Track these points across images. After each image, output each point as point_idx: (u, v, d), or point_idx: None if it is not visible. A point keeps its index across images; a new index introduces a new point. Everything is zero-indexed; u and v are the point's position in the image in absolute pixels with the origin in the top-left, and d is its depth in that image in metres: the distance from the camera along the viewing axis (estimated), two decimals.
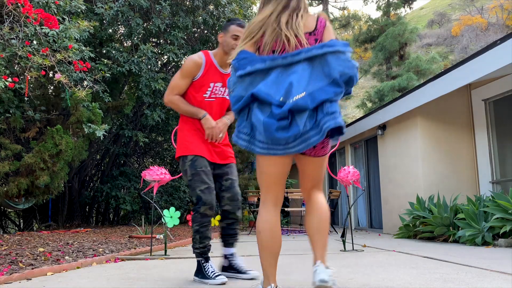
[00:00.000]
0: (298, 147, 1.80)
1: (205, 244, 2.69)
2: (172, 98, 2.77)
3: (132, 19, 7.81)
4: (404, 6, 24.10)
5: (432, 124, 7.12)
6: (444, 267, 3.10)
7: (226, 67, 2.85)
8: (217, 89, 2.81)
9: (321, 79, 1.82)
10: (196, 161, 2.68)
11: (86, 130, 6.70)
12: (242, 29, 2.75)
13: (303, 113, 1.78)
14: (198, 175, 2.64)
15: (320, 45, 1.84)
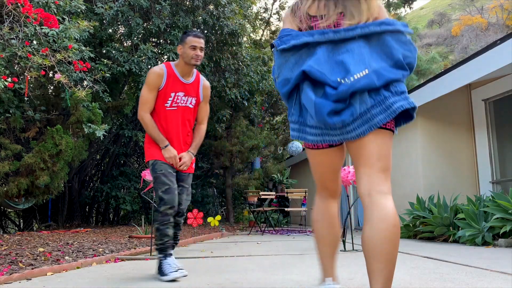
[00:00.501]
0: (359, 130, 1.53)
1: (164, 241, 2.83)
2: (144, 116, 2.94)
3: (132, 19, 7.81)
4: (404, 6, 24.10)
5: (432, 124, 7.12)
6: (444, 267, 3.10)
7: (188, 77, 3.04)
8: (179, 98, 2.99)
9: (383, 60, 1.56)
10: (156, 165, 2.89)
11: (86, 130, 6.70)
12: (199, 39, 2.97)
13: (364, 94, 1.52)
14: (158, 178, 2.85)
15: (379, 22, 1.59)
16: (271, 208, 9.87)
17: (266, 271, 3.09)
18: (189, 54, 2.94)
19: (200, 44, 2.96)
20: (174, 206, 2.83)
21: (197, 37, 2.96)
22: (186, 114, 3.03)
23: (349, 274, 2.85)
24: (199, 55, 2.96)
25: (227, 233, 8.00)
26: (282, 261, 3.70)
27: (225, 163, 11.30)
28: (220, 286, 2.50)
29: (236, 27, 8.76)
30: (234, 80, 9.91)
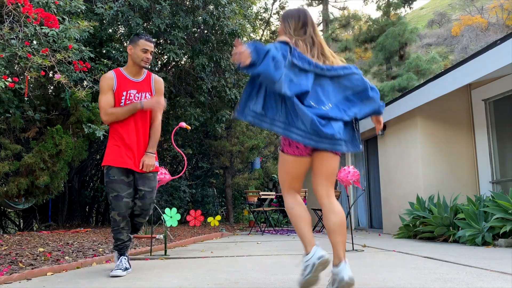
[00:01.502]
0: (344, 147, 2.20)
1: (118, 244, 3.08)
2: (107, 111, 3.02)
3: (132, 19, 7.81)
4: (404, 6, 24.10)
5: (432, 124, 7.12)
6: (444, 267, 3.10)
7: (138, 76, 3.15)
8: (131, 96, 3.08)
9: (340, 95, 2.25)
10: (110, 171, 3.01)
11: (86, 130, 6.70)
12: (150, 44, 3.12)
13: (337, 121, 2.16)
14: (110, 183, 3.01)
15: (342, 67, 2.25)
16: (271, 208, 9.87)
17: (266, 271, 3.09)
18: (140, 55, 3.08)
19: (151, 48, 3.12)
20: (121, 212, 3.00)
21: (149, 42, 3.11)
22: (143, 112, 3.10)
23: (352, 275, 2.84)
24: (149, 58, 3.11)
25: (227, 233, 8.00)
26: (282, 261, 3.70)
27: (225, 163, 11.31)
28: (220, 286, 2.50)
29: (236, 27, 8.76)
30: (234, 80, 9.92)
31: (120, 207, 2.99)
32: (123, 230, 3.05)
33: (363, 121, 8.74)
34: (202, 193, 12.31)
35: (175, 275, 2.97)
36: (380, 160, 8.34)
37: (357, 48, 26.32)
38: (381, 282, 2.52)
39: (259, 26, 14.73)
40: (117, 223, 3.03)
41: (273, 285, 2.49)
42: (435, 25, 44.71)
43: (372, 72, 24.55)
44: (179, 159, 12.81)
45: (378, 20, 23.68)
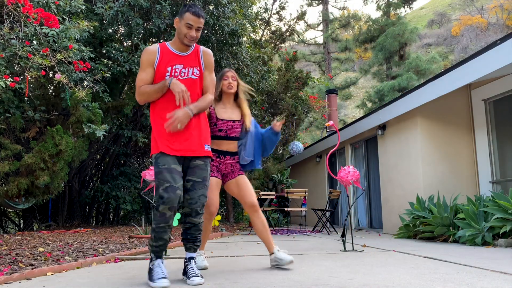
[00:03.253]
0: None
1: (158, 245, 2.61)
2: (141, 89, 2.65)
3: (132, 19, 7.81)
4: (404, 6, 24.09)
5: (432, 124, 7.12)
6: (444, 267, 3.10)
7: (185, 50, 2.74)
8: (177, 71, 2.70)
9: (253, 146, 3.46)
10: (159, 158, 2.61)
11: (86, 130, 6.70)
12: (198, 18, 2.63)
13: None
14: (160, 173, 2.57)
15: (254, 123, 3.47)
16: (271, 208, 9.87)
17: (266, 271, 3.09)
18: (183, 31, 2.65)
19: (197, 24, 2.64)
20: (174, 206, 2.55)
21: (196, 16, 2.62)
22: (191, 86, 2.72)
23: (349, 274, 2.85)
24: (193, 36, 2.66)
25: (227, 233, 8.00)
26: None
27: None
28: (220, 286, 2.50)
29: (236, 27, 8.76)
30: None
31: (172, 201, 2.52)
32: (169, 229, 2.61)
33: (363, 121, 8.75)
34: None
35: (175, 275, 2.97)
36: (380, 160, 8.34)
37: (357, 48, 26.34)
38: (381, 282, 2.52)
39: (259, 26, 14.73)
40: (167, 219, 2.56)
41: (273, 285, 2.49)
42: (435, 25, 44.72)
43: (372, 72, 24.56)
44: None
45: (378, 20, 23.68)
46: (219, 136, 3.28)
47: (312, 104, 13.79)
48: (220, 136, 3.28)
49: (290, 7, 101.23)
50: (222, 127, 3.27)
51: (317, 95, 17.32)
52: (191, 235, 2.76)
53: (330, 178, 11.50)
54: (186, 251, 2.81)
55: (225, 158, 3.30)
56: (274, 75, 12.34)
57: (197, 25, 2.64)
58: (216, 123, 3.27)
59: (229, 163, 3.32)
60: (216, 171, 3.30)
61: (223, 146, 3.29)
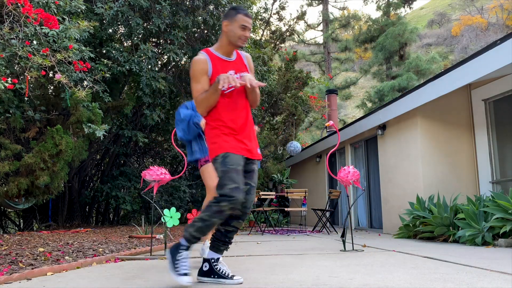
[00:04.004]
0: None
1: (198, 237, 2.49)
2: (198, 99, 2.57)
3: (132, 19, 7.81)
4: (404, 6, 24.10)
5: (432, 124, 7.12)
6: (444, 267, 3.10)
7: (230, 55, 2.71)
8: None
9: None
10: (228, 158, 2.50)
11: (86, 130, 6.70)
12: (249, 20, 2.64)
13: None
14: (229, 173, 2.45)
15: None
16: (271, 208, 9.87)
17: (266, 271, 3.09)
18: (237, 33, 2.60)
19: (250, 25, 2.64)
20: (237, 209, 2.46)
21: (248, 17, 2.63)
22: (242, 92, 2.68)
23: (349, 274, 2.85)
24: (247, 36, 2.64)
25: None
26: (282, 261, 3.70)
27: None
28: (221, 286, 2.50)
29: None
30: None
31: (239, 203, 2.41)
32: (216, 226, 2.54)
33: (363, 121, 8.75)
34: (202, 193, 12.31)
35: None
36: (380, 160, 8.34)
37: (357, 48, 26.34)
38: (381, 282, 2.52)
39: (259, 26, 14.72)
40: (221, 217, 2.45)
41: (273, 285, 2.49)
42: (435, 25, 44.72)
43: (372, 72, 24.56)
44: (179, 159, 12.81)
45: (378, 20, 23.68)
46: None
47: (312, 104, 13.79)
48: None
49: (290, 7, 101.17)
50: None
51: (317, 95, 17.33)
52: (229, 238, 2.65)
53: (330, 178, 11.50)
54: (215, 252, 2.63)
55: None
56: (274, 75, 12.34)
57: (249, 26, 2.64)
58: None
59: None
60: None
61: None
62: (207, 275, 2.58)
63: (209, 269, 2.59)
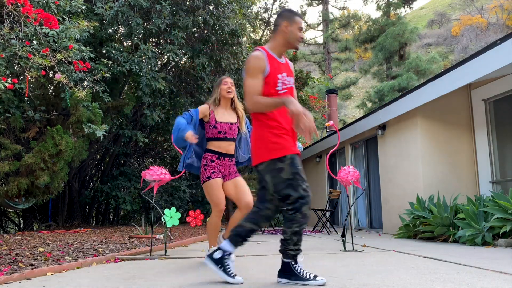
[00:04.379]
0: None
1: (299, 247, 2.59)
2: (255, 99, 2.54)
3: (132, 19, 7.81)
4: (404, 6, 24.09)
5: (432, 124, 7.12)
6: (444, 267, 3.10)
7: (281, 57, 2.74)
8: (285, 80, 2.67)
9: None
10: (295, 159, 2.53)
11: (86, 130, 6.70)
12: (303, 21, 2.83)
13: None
14: (299, 174, 2.50)
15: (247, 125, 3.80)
16: None
17: (266, 271, 3.09)
18: (297, 35, 2.65)
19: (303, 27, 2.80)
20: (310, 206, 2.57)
21: (302, 19, 2.78)
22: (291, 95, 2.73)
23: (349, 274, 2.85)
24: (303, 38, 2.75)
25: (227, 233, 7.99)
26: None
27: None
28: (220, 286, 2.50)
29: (236, 27, 8.76)
30: (234, 80, 9.91)
31: (310, 200, 2.54)
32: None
33: (363, 121, 8.75)
34: (202, 193, 12.31)
35: (175, 275, 2.97)
36: (380, 160, 8.34)
37: (357, 48, 26.32)
38: (381, 282, 2.52)
39: (259, 26, 14.72)
40: (308, 219, 2.57)
41: (273, 285, 2.49)
42: (435, 25, 44.72)
43: (372, 72, 24.55)
44: (179, 159, 12.81)
45: (378, 20, 23.67)
46: (219, 138, 3.54)
47: (312, 104, 13.79)
48: (220, 137, 3.54)
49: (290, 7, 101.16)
50: (221, 129, 3.54)
51: (317, 95, 17.32)
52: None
53: (330, 178, 11.50)
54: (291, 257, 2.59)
55: (225, 159, 3.56)
56: None
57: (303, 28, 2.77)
58: (215, 125, 3.54)
59: (227, 164, 3.57)
60: (217, 171, 3.51)
61: (222, 147, 3.54)
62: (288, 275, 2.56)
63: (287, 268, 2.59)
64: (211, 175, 3.44)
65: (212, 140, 3.56)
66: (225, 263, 2.57)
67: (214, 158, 3.52)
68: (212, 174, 3.44)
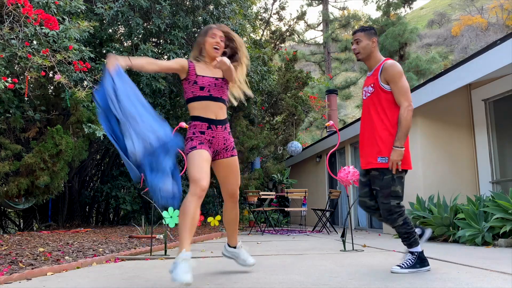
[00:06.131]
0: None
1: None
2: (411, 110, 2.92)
3: (132, 19, 7.81)
4: (404, 6, 24.09)
5: (432, 124, 7.12)
6: (444, 267, 3.10)
7: (370, 70, 3.13)
8: (363, 93, 3.14)
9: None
10: (403, 173, 2.95)
11: (86, 130, 6.70)
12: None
13: None
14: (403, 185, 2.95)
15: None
16: (271, 208, 9.87)
17: (266, 271, 3.09)
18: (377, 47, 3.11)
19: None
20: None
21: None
22: (370, 104, 3.03)
23: (349, 274, 2.85)
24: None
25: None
26: (282, 261, 3.70)
27: None
28: (220, 286, 2.50)
29: (236, 27, 8.76)
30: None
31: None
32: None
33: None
34: None
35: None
36: None
37: None
38: (381, 282, 2.52)
39: (259, 26, 14.73)
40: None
41: (273, 285, 2.49)
42: (435, 25, 44.72)
43: None
44: (179, 158, 12.80)
45: (378, 20, 23.67)
46: (203, 96, 2.72)
47: (312, 104, 13.80)
48: (204, 96, 2.72)
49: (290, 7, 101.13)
50: (203, 83, 2.74)
51: (317, 95, 17.32)
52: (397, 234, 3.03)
53: (330, 178, 11.50)
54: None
55: (217, 128, 2.75)
56: (274, 75, 12.34)
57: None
58: (196, 80, 2.74)
59: (221, 135, 2.78)
60: (207, 145, 2.73)
61: (211, 110, 2.73)
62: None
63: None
64: (198, 145, 2.65)
65: (193, 100, 2.73)
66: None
67: (204, 127, 2.71)
68: (198, 145, 2.65)
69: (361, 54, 3.06)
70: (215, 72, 2.81)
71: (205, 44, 2.82)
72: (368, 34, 3.06)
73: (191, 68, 2.76)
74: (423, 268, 2.86)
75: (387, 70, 2.93)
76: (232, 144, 2.87)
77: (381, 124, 2.92)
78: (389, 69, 2.92)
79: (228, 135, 2.82)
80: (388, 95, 2.94)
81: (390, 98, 2.93)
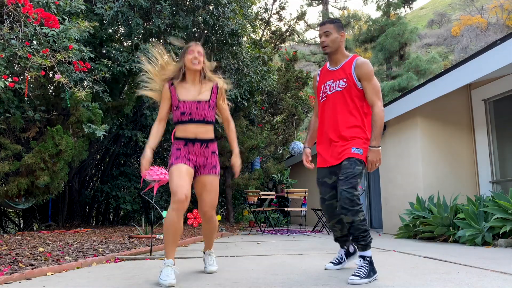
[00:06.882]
0: None
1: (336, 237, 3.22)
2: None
3: (132, 19, 7.81)
4: (404, 6, 24.09)
5: (432, 124, 7.12)
6: (444, 267, 3.10)
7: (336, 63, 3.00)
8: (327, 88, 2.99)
9: None
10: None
11: (86, 130, 6.70)
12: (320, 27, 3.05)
13: None
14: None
15: None
16: (271, 208, 9.87)
17: (266, 271, 3.09)
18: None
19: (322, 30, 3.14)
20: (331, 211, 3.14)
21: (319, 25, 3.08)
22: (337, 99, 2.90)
23: (349, 274, 2.84)
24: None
25: (227, 233, 7.99)
26: (282, 261, 3.70)
27: (225, 163, 11.30)
28: (220, 286, 2.50)
29: (236, 27, 8.76)
30: (234, 80, 9.92)
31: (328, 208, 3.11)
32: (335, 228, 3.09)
33: None
34: None
35: (175, 275, 2.97)
36: None
37: (357, 48, 26.30)
38: (381, 282, 2.52)
39: (259, 26, 14.73)
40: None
41: (273, 285, 2.49)
42: (435, 25, 44.72)
43: None
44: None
45: (378, 20, 23.67)
46: (183, 121, 2.83)
47: (312, 104, 13.79)
48: (184, 120, 2.83)
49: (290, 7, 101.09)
50: (184, 109, 2.82)
51: None
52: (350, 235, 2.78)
53: None
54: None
55: (194, 145, 2.83)
56: (274, 75, 12.35)
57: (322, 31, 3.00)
58: (177, 105, 2.84)
59: (200, 152, 2.85)
60: (184, 159, 2.81)
61: (189, 131, 2.82)
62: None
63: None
64: (174, 161, 2.77)
65: (177, 124, 2.88)
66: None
67: (181, 145, 2.82)
68: (175, 160, 2.77)
69: (329, 47, 2.91)
70: (197, 93, 2.89)
71: (185, 63, 2.93)
72: (337, 26, 2.93)
73: (173, 94, 2.90)
74: (375, 275, 2.63)
75: (361, 67, 2.84)
76: (214, 164, 2.90)
77: (354, 119, 2.83)
78: (363, 66, 2.84)
79: (211, 154, 2.89)
80: (359, 92, 2.86)
81: (360, 96, 2.86)
